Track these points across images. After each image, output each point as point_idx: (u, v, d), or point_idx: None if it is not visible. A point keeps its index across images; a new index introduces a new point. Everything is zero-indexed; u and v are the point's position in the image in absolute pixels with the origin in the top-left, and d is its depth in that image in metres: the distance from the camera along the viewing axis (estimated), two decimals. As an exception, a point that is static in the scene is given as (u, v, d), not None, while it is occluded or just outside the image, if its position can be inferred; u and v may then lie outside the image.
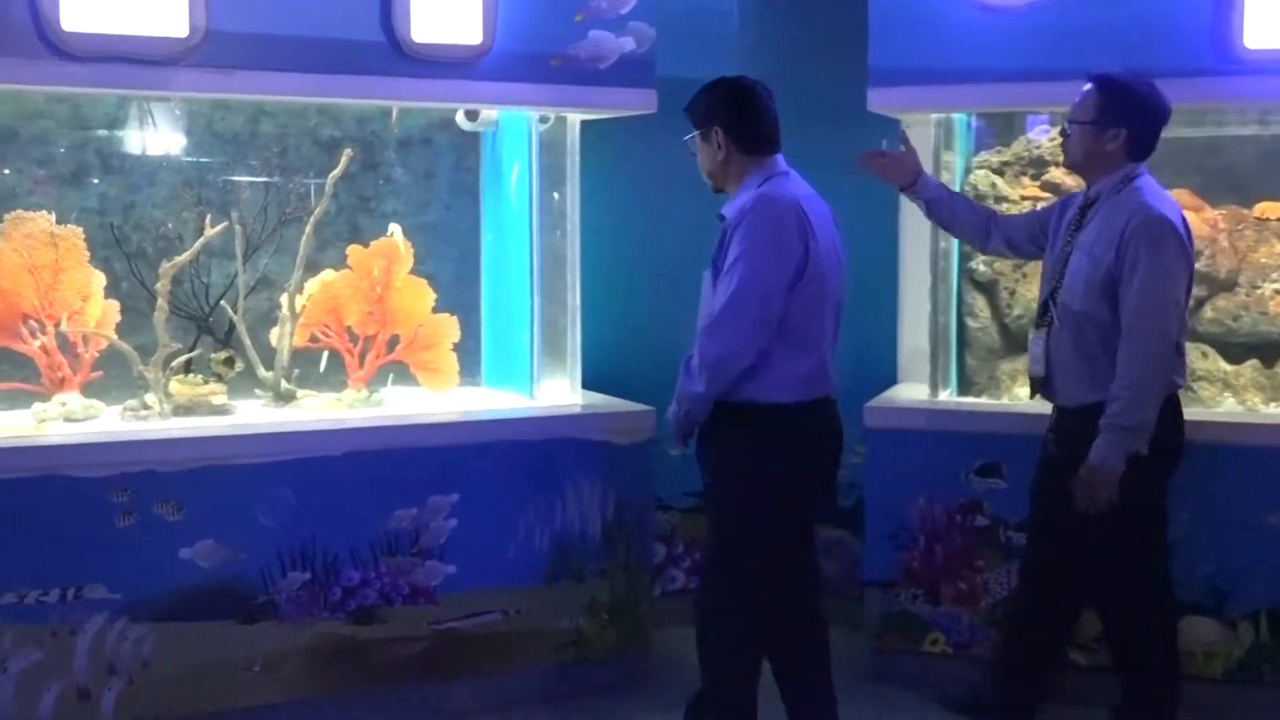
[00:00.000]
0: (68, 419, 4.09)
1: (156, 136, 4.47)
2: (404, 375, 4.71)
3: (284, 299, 4.47)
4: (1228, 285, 4.51)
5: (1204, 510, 4.10)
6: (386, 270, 4.60)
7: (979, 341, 4.70)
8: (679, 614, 4.31)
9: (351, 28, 4.04)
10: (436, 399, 4.69)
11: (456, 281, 4.89)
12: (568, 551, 4.36)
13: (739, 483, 3.50)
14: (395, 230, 4.65)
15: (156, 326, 4.24)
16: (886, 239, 4.96)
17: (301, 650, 4.04)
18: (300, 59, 3.96)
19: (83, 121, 4.38)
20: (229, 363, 4.40)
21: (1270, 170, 4.58)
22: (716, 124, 3.53)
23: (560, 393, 4.61)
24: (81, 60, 3.72)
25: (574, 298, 4.60)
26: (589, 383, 4.69)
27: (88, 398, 4.19)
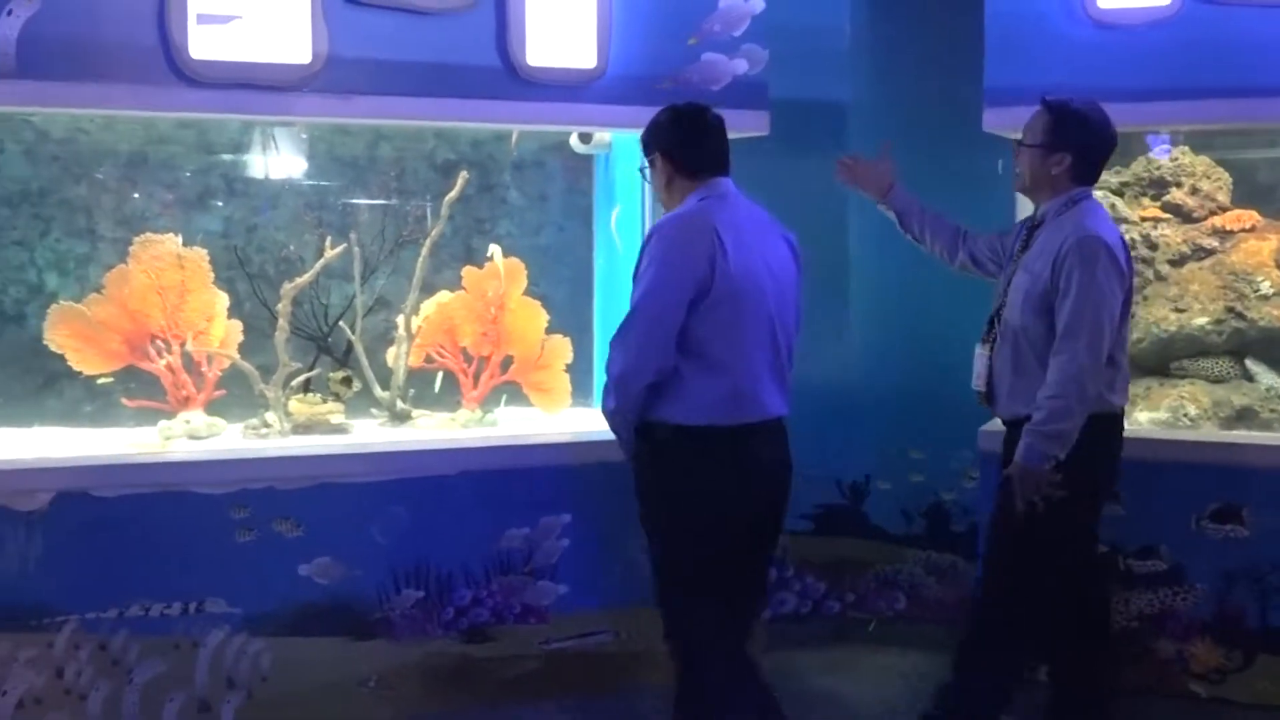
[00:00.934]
0: (191, 436, 4.19)
1: (279, 161, 4.58)
2: (517, 396, 4.75)
3: (400, 320, 4.54)
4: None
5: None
6: (501, 292, 4.65)
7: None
8: (790, 637, 4.27)
9: (467, 53, 4.09)
10: (549, 420, 4.72)
11: (570, 303, 4.92)
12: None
13: (654, 502, 3.46)
14: (495, 251, 4.69)
15: (277, 346, 4.33)
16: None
17: (414, 667, 4.08)
18: (417, 84, 4.03)
19: (208, 146, 4.51)
20: (347, 382, 4.47)
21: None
22: (658, 149, 3.54)
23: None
24: (208, 87, 3.82)
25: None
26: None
27: (211, 415, 4.29)
